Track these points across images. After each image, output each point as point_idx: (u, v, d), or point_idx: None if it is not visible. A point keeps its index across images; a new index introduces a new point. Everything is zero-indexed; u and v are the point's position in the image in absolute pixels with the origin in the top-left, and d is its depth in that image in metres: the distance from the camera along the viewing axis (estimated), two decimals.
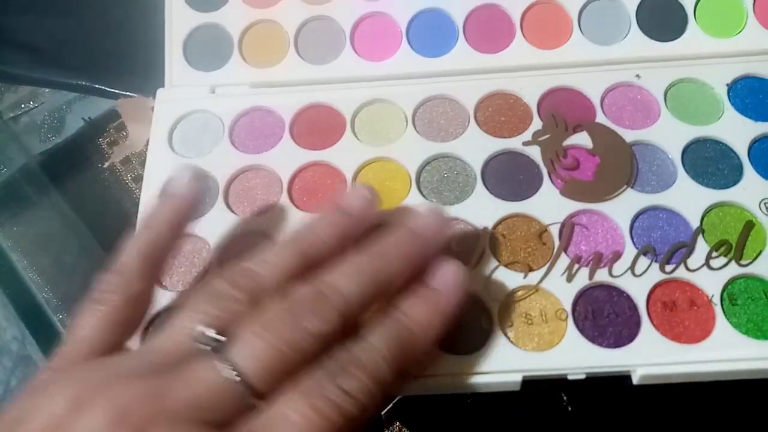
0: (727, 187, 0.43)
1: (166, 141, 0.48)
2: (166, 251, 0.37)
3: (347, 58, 0.50)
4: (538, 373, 0.38)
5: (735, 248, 0.41)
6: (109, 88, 0.54)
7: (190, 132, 0.48)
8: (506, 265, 0.41)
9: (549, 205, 0.43)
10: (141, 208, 0.45)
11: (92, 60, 0.55)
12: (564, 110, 0.46)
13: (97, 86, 0.54)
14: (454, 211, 0.43)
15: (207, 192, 0.44)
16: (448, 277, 0.35)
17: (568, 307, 0.40)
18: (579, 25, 0.50)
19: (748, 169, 0.43)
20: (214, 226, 0.44)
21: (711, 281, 0.40)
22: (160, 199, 0.38)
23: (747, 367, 0.38)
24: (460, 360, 0.38)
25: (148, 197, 0.45)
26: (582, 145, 0.45)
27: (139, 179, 0.53)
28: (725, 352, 0.38)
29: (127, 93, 0.54)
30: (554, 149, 0.45)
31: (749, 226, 0.41)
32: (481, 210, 0.43)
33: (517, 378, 0.38)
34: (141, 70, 0.54)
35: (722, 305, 0.39)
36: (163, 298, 0.42)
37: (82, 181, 0.56)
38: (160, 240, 0.36)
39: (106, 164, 0.53)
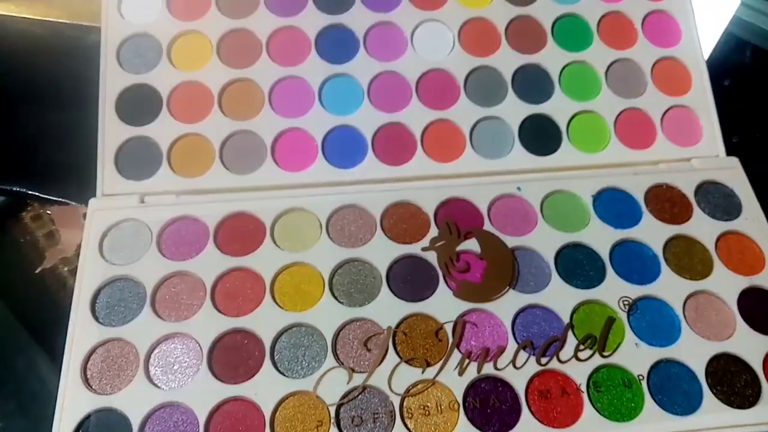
0: (593, 287, 0.51)
1: (97, 249, 0.51)
2: None
3: (268, 168, 0.56)
4: None
5: (599, 341, 0.48)
6: (44, 195, 0.58)
7: (120, 240, 0.52)
8: (407, 362, 0.47)
9: (444, 304, 0.50)
10: (72, 314, 0.49)
11: (27, 167, 0.59)
12: (457, 218, 0.53)
13: (31, 193, 0.58)
14: (363, 312, 0.49)
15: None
16: None
17: (460, 399, 0.46)
18: (471, 142, 0.58)
19: (610, 271, 0.51)
20: (141, 330, 0.48)
21: (579, 371, 0.47)
22: None
23: None
24: None
25: (79, 303, 0.49)
26: (472, 251, 0.52)
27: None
28: None
29: (62, 200, 0.57)
30: (448, 254, 0.52)
31: (610, 321, 0.49)
32: (387, 310, 0.49)
33: None
34: (73, 178, 0.58)
35: (588, 392, 0.46)
36: (91, 400, 0.45)
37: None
38: None
39: (38, 270, 0.56)
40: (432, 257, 0.52)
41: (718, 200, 0.56)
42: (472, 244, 0.52)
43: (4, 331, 0.55)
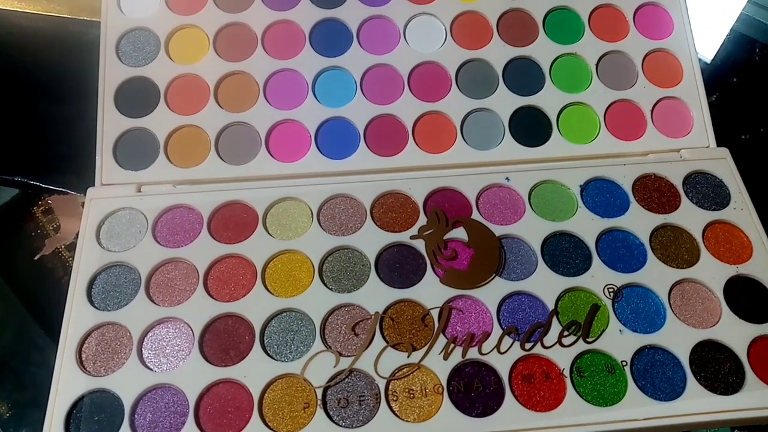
0: (578, 275, 0.51)
1: (94, 237, 0.53)
2: None
3: (262, 159, 0.57)
4: None
5: (583, 327, 0.49)
6: (44, 184, 0.59)
7: (116, 227, 0.54)
8: (393, 346, 0.48)
9: (431, 291, 0.50)
10: (69, 299, 0.50)
11: (28, 159, 0.60)
12: (446, 208, 0.54)
13: (32, 183, 0.59)
14: (351, 298, 0.50)
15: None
16: None
17: (444, 382, 0.46)
18: (461, 133, 0.59)
19: (596, 259, 0.52)
20: (135, 315, 0.49)
21: (562, 357, 0.48)
22: None
23: (591, 431, 0.45)
24: None
25: (75, 288, 0.50)
26: (460, 239, 0.53)
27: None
28: (573, 418, 0.45)
29: (61, 190, 0.59)
30: (436, 242, 0.52)
31: (595, 308, 0.49)
32: (375, 296, 0.50)
33: None
34: (73, 169, 0.59)
35: (572, 377, 0.47)
36: (86, 382, 0.47)
37: (14, 249, 0.59)
38: None
39: (37, 257, 0.58)
40: (420, 245, 0.53)
41: (706, 190, 0.56)
42: (459, 233, 0.53)
43: (11, 318, 0.57)
